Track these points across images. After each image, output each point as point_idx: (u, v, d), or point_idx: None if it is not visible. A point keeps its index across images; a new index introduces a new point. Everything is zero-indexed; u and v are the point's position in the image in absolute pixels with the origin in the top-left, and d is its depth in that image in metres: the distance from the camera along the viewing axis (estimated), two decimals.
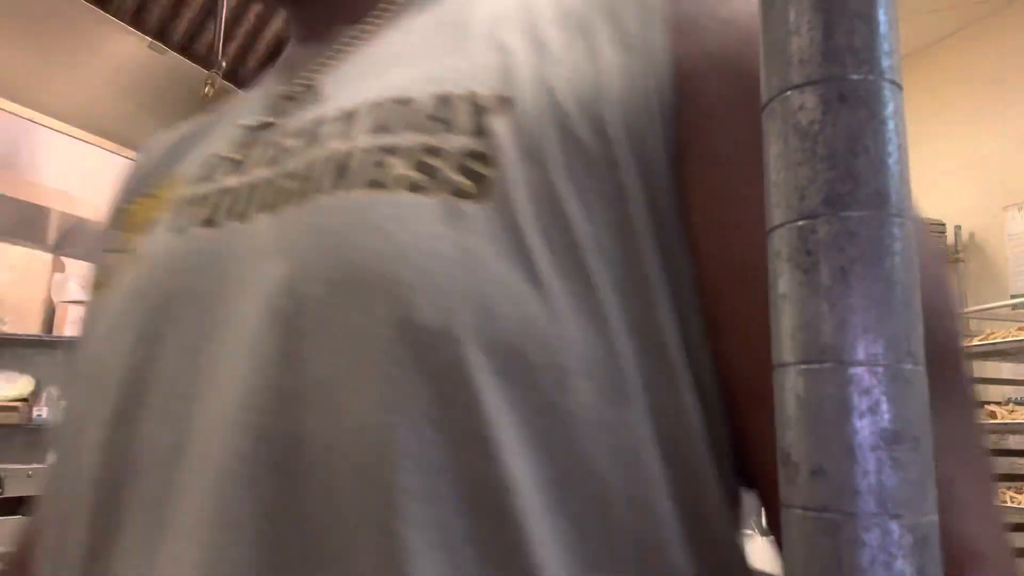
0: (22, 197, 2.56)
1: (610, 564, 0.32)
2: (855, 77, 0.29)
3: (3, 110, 1.53)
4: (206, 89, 1.68)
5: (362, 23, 0.48)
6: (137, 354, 0.39)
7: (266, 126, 0.44)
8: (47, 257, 4.88)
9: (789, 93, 0.30)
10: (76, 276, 5.01)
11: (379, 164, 0.36)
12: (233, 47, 2.03)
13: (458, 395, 0.31)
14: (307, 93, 0.45)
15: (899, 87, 0.28)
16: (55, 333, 4.98)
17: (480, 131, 0.35)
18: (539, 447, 0.31)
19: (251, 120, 0.45)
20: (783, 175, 0.30)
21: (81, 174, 2.74)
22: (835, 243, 0.29)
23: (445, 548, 0.30)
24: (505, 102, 0.36)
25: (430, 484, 0.31)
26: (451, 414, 0.31)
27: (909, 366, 0.28)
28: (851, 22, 0.29)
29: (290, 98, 0.45)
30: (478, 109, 0.36)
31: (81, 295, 5.01)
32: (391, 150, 0.36)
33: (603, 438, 0.32)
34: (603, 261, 0.33)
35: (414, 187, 0.34)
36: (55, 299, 5.02)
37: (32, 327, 4.92)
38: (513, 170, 0.34)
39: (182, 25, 1.89)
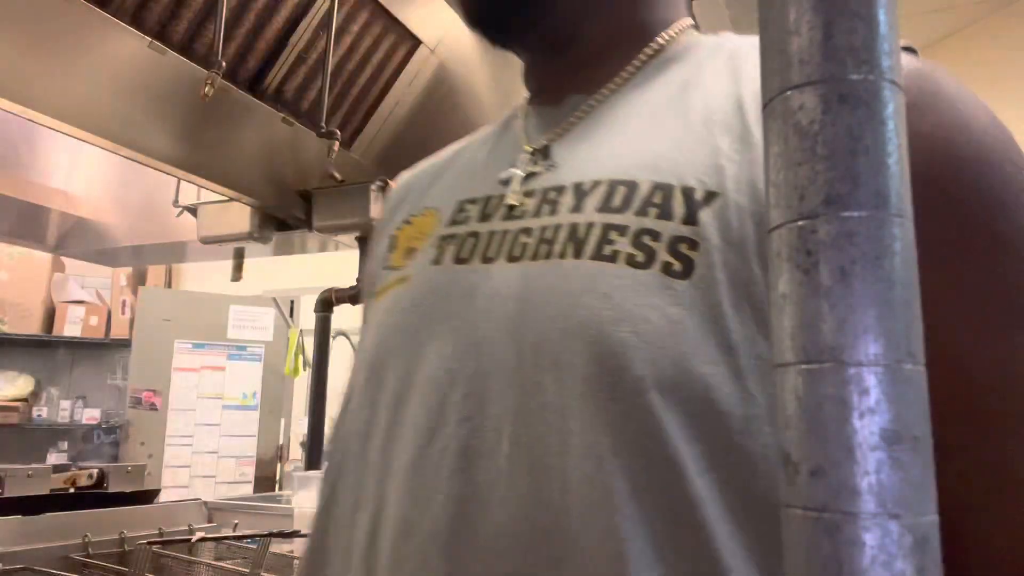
0: (22, 197, 2.56)
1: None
2: (855, 77, 0.29)
3: (2, 110, 1.52)
4: (206, 89, 1.68)
5: (596, 94, 0.57)
6: (406, 354, 0.51)
7: (507, 182, 0.56)
8: (47, 257, 4.88)
9: (789, 93, 0.30)
10: (76, 276, 5.02)
11: (607, 240, 0.45)
12: (233, 47, 2.03)
13: (651, 428, 0.41)
14: (544, 159, 0.56)
15: (899, 87, 0.28)
16: (55, 333, 4.99)
17: (691, 220, 0.44)
18: (722, 476, 0.40)
19: (494, 177, 0.57)
20: (783, 175, 0.30)
21: (81, 174, 2.74)
22: (835, 243, 0.29)
23: (654, 547, 0.40)
24: (713, 196, 0.44)
25: (638, 502, 0.40)
26: (644, 442, 0.41)
27: (909, 366, 0.28)
28: (851, 22, 0.29)
29: (531, 161, 0.56)
30: (691, 201, 0.44)
31: (81, 295, 5.01)
32: (617, 228, 0.45)
33: (771, 469, 0.40)
34: None
35: (634, 263, 0.44)
36: (55, 299, 5.03)
37: (32, 327, 4.93)
38: (716, 255, 0.42)
39: (182, 25, 1.89)
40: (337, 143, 2.12)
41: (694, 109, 0.50)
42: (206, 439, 4.15)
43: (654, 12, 0.62)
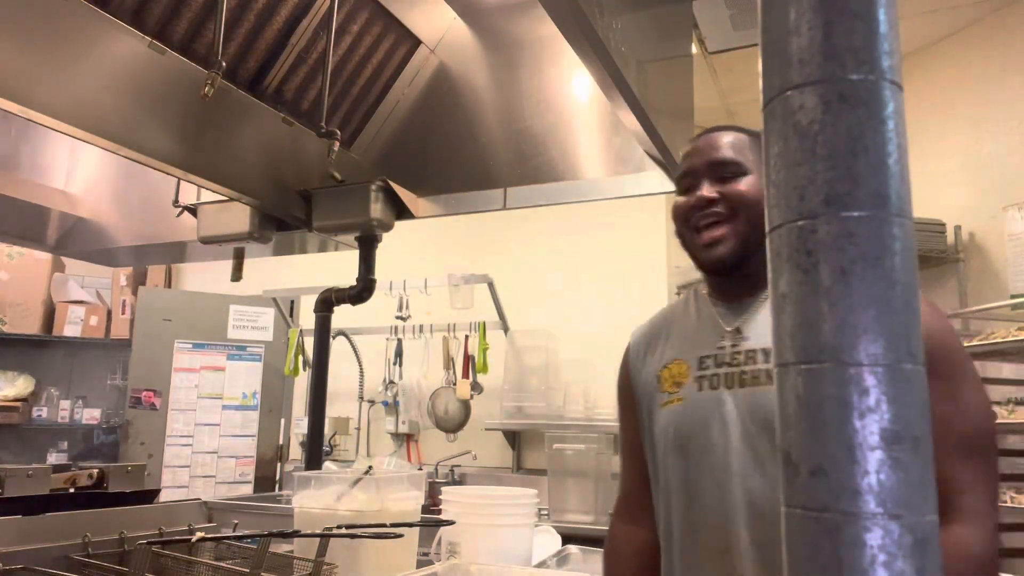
0: (22, 197, 2.56)
1: None
2: (855, 77, 0.29)
3: (2, 110, 1.52)
4: (206, 89, 1.68)
5: (753, 296, 1.22)
6: (696, 440, 1.18)
7: (722, 348, 1.21)
8: (47, 257, 4.88)
9: (789, 93, 0.30)
10: (76, 276, 5.02)
11: (771, 376, 0.94)
12: (233, 47, 2.03)
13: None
14: (738, 335, 1.20)
15: (899, 87, 0.28)
16: (55, 333, 4.98)
17: None
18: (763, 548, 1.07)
19: (713, 343, 1.23)
20: (783, 175, 0.30)
21: (81, 174, 2.74)
22: (835, 243, 0.29)
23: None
24: None
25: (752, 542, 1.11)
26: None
27: (909, 366, 0.28)
28: (851, 22, 0.29)
29: (733, 335, 1.21)
30: None
31: (81, 295, 5.01)
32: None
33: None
34: None
35: None
36: (55, 299, 5.03)
37: (32, 327, 4.93)
38: None
39: (182, 25, 1.89)
40: (337, 143, 2.11)
41: None
42: (206, 439, 4.15)
43: None
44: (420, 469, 3.82)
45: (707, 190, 1.20)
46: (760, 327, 1.20)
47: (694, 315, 1.30)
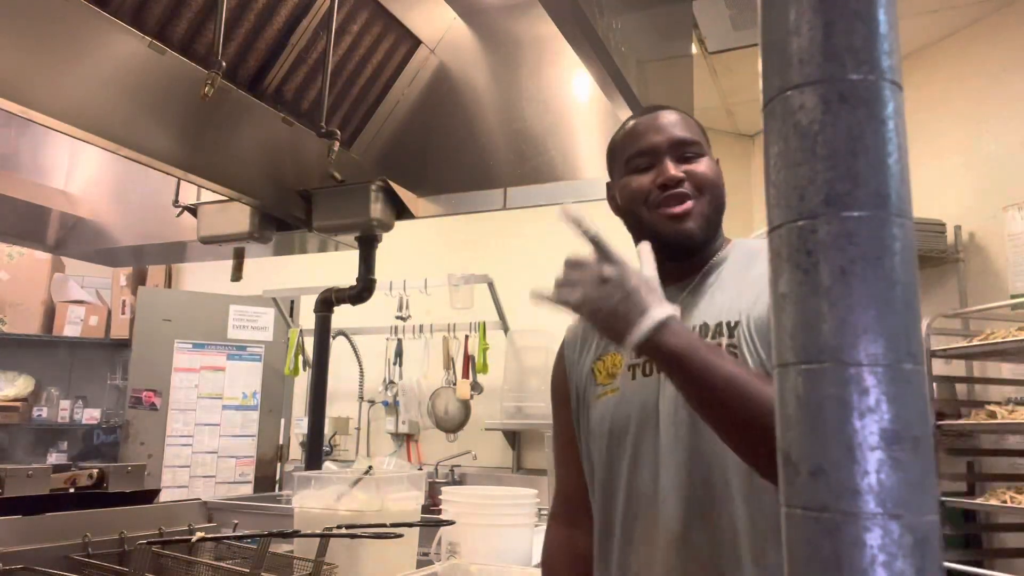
0: (22, 197, 2.56)
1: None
2: (855, 77, 0.29)
3: (3, 110, 1.52)
4: (206, 89, 1.68)
5: (690, 279, 1.18)
6: (631, 429, 1.13)
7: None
8: (47, 257, 4.89)
9: (789, 93, 0.30)
10: (76, 276, 5.02)
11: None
12: (233, 47, 2.03)
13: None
14: (684, 313, 1.13)
15: (899, 87, 0.28)
16: (55, 333, 4.99)
17: (732, 335, 1.08)
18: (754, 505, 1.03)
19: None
20: (783, 175, 0.30)
21: (81, 174, 2.74)
22: (835, 243, 0.29)
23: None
24: (739, 324, 1.08)
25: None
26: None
27: (909, 366, 0.28)
28: (851, 22, 0.29)
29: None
30: (732, 328, 1.09)
31: (81, 295, 5.01)
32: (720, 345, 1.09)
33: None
34: None
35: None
36: (55, 299, 5.03)
37: (32, 327, 4.93)
38: (746, 351, 1.06)
39: (182, 25, 1.89)
40: (337, 143, 2.11)
41: (753, 280, 1.12)
42: (206, 439, 4.15)
43: (719, 238, 1.22)
44: (420, 469, 3.83)
45: (674, 169, 1.14)
46: (700, 304, 1.14)
47: None
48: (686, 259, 1.17)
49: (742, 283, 1.12)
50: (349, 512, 1.64)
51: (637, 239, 1.19)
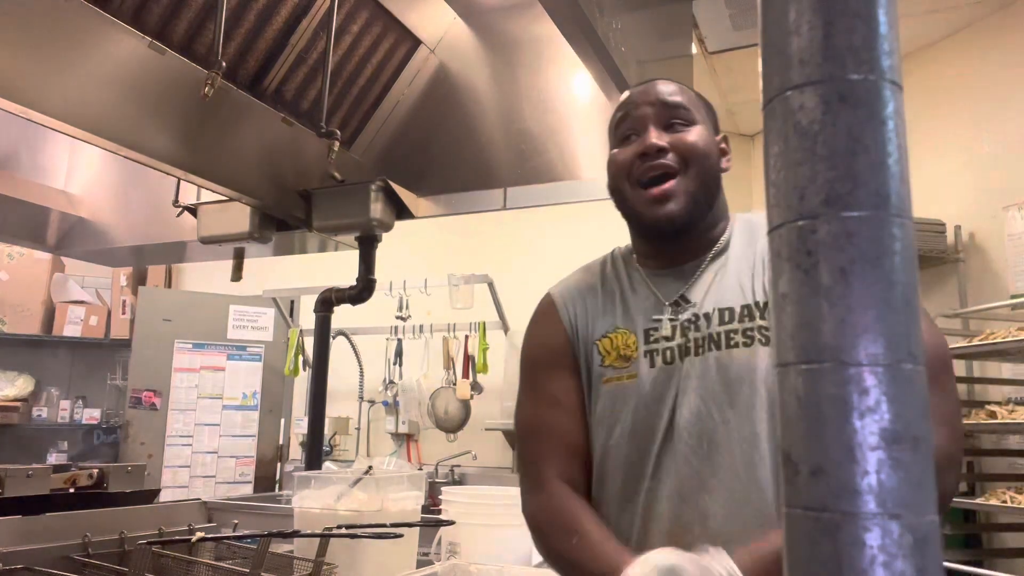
0: (22, 197, 2.56)
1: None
2: (855, 77, 0.29)
3: (2, 110, 1.52)
4: (206, 89, 1.68)
5: (697, 260, 1.11)
6: (657, 437, 1.05)
7: (671, 319, 1.08)
8: (47, 257, 4.88)
9: (789, 93, 0.30)
10: (76, 276, 5.02)
11: (730, 337, 1.04)
12: (233, 47, 2.03)
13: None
14: (684, 302, 1.08)
15: (899, 87, 0.28)
16: (55, 333, 4.98)
17: (764, 315, 1.03)
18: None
19: (657, 316, 1.09)
20: (783, 175, 0.30)
21: (81, 174, 2.74)
22: (835, 243, 0.29)
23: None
24: (759, 305, 1.04)
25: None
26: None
27: (909, 366, 0.28)
28: (851, 22, 0.29)
29: (676, 304, 1.09)
30: (763, 308, 1.04)
31: (81, 295, 5.01)
32: (734, 331, 1.04)
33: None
34: None
35: (747, 345, 1.03)
36: (55, 299, 5.03)
37: (32, 327, 4.93)
38: (759, 335, 1.04)
39: (182, 25, 1.89)
40: (337, 143, 2.11)
41: (757, 259, 1.10)
42: (206, 439, 4.15)
43: (721, 213, 1.15)
44: (420, 469, 3.82)
45: (655, 136, 1.05)
46: (710, 291, 1.06)
47: (626, 281, 1.15)
48: (675, 241, 1.09)
49: (754, 258, 1.08)
50: (349, 512, 1.64)
51: (627, 220, 1.13)
